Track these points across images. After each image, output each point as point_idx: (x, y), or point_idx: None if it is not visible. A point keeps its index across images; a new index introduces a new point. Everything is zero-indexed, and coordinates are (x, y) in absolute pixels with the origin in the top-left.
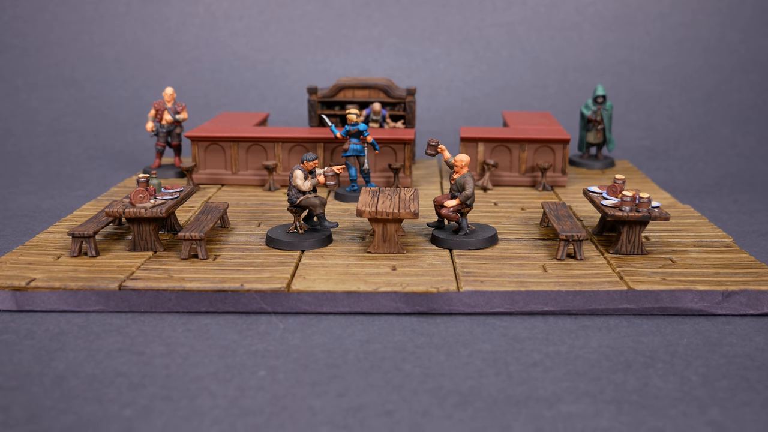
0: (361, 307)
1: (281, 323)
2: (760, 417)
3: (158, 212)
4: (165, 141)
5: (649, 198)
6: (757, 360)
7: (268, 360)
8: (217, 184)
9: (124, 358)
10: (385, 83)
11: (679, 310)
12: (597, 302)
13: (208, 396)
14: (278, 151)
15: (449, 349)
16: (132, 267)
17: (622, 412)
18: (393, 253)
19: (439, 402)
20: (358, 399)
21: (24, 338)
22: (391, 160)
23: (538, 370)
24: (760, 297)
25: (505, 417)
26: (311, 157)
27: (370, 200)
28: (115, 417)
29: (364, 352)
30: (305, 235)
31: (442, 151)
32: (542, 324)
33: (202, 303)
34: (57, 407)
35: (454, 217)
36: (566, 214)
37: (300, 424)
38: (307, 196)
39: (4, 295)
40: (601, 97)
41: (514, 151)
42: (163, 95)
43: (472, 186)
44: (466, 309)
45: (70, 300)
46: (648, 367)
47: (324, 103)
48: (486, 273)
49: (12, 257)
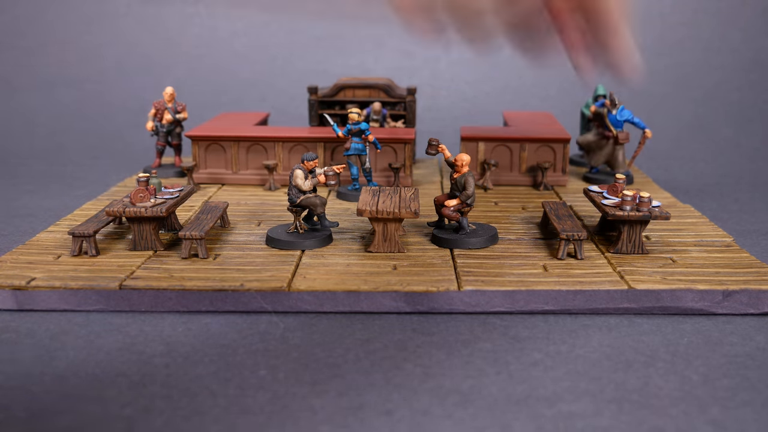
0: (362, 306)
1: (281, 322)
2: (760, 416)
3: (158, 212)
4: (165, 140)
5: (649, 197)
6: (757, 359)
7: (269, 359)
8: (218, 183)
9: (125, 358)
10: (385, 83)
11: (679, 310)
12: (597, 301)
13: (209, 395)
14: (278, 150)
15: (450, 349)
16: (132, 266)
17: (622, 411)
18: (393, 253)
19: (440, 401)
20: (358, 398)
21: (24, 337)
22: (391, 159)
23: (538, 369)
24: (761, 296)
25: (506, 416)
26: (311, 156)
27: (370, 199)
28: (115, 416)
29: (365, 351)
30: (305, 235)
31: (442, 150)
32: (543, 323)
33: (203, 302)
34: (57, 406)
35: (454, 216)
36: (567, 213)
37: (300, 423)
38: (307, 195)
39: (5, 295)
40: (602, 97)
41: (515, 150)
42: (163, 95)
43: (472, 185)
44: (467, 308)
45: (71, 299)
46: (648, 366)
47: (324, 103)
48: (486, 272)
49: (13, 256)
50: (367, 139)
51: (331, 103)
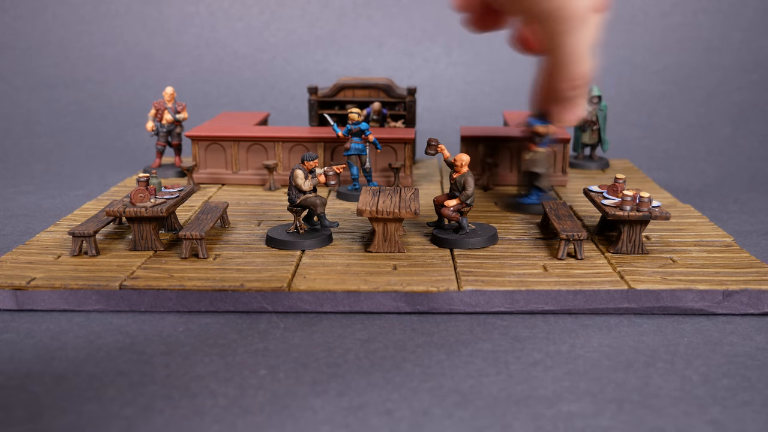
0: (362, 306)
1: (282, 322)
2: (760, 416)
3: (158, 211)
4: (165, 140)
5: (649, 197)
6: (757, 359)
7: (269, 359)
8: (218, 183)
9: (125, 358)
10: (385, 83)
11: (679, 310)
12: (597, 301)
13: (209, 395)
14: (278, 150)
15: (450, 349)
16: (132, 266)
17: (622, 411)
18: (393, 253)
19: (440, 401)
20: (358, 398)
21: (24, 337)
22: (391, 159)
23: (538, 369)
24: (761, 296)
25: (506, 416)
26: (311, 156)
27: (370, 199)
28: (115, 416)
29: (365, 351)
30: (305, 235)
31: (442, 150)
32: (543, 323)
33: (203, 302)
34: (57, 406)
35: (454, 216)
36: (567, 213)
37: (300, 423)
38: (307, 195)
39: (5, 295)
40: (596, 98)
41: (515, 150)
42: (163, 95)
43: (472, 185)
44: (467, 308)
45: (71, 299)
46: (648, 366)
47: (324, 103)
48: (486, 272)
49: (12, 256)
50: (367, 139)
51: (331, 103)
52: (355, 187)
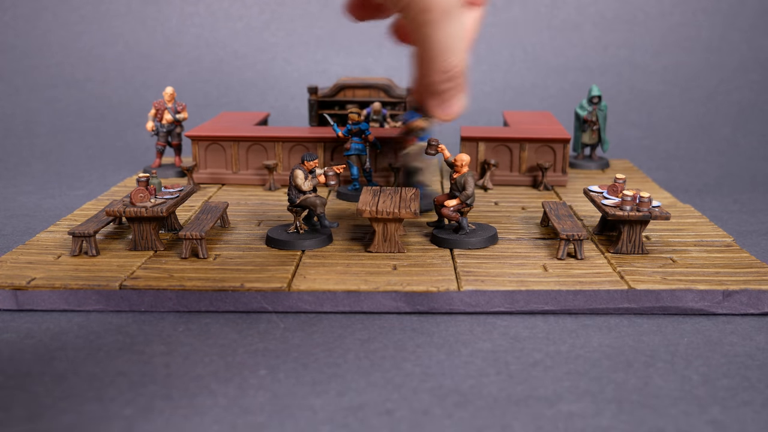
0: (362, 306)
1: (282, 322)
2: (760, 416)
3: (158, 211)
4: (165, 140)
5: (649, 197)
6: (757, 359)
7: (269, 359)
8: (218, 183)
9: (125, 357)
10: (385, 83)
11: (679, 310)
12: (597, 301)
13: (209, 395)
14: (278, 150)
15: (449, 349)
16: (132, 266)
17: (622, 411)
18: (393, 253)
19: (440, 401)
20: (358, 398)
21: (24, 337)
22: (391, 159)
23: (538, 369)
24: (761, 296)
25: (506, 416)
26: (311, 156)
27: (370, 200)
28: (115, 416)
29: (365, 351)
30: (305, 235)
31: (442, 150)
32: (543, 323)
33: (203, 302)
34: (57, 406)
35: (454, 216)
36: (567, 213)
37: (300, 423)
38: (307, 195)
39: (5, 295)
40: (597, 98)
41: (515, 150)
42: (163, 95)
43: (472, 185)
44: (467, 308)
45: (71, 299)
46: (648, 366)
47: (324, 103)
48: (486, 272)
49: (12, 256)
50: (367, 139)
51: (331, 103)
52: (355, 188)
